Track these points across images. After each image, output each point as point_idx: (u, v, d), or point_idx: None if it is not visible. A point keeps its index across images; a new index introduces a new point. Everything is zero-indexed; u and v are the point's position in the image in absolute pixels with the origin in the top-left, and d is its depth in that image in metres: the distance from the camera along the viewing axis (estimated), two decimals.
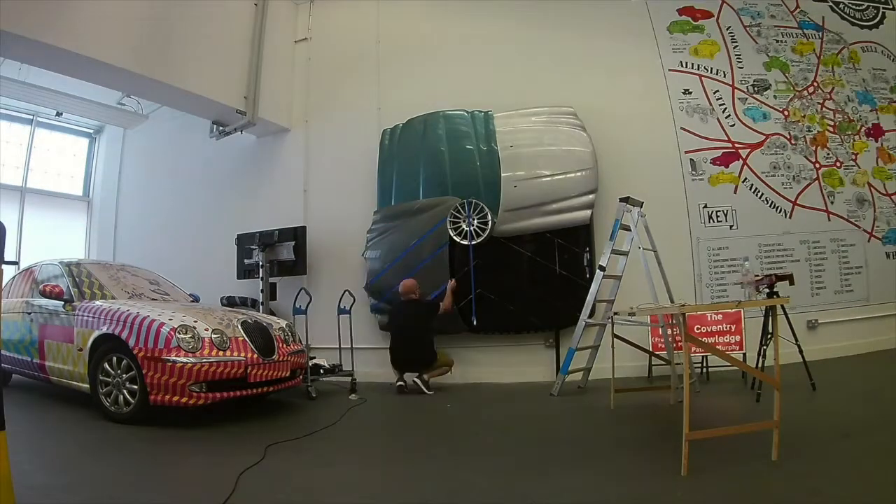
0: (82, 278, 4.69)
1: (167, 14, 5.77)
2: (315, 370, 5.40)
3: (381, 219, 6.40)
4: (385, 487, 2.64)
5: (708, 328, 5.48)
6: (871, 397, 4.05)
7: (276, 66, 7.17)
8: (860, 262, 6.12)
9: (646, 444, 3.24)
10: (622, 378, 4.68)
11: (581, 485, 2.51)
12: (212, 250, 7.36)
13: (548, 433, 3.66)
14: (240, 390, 3.99)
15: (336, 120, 7.16)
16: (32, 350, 4.60)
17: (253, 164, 7.60)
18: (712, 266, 6.03)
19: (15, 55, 5.28)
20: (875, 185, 6.31)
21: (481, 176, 6.02)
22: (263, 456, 2.97)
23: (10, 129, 8.29)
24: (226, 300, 6.47)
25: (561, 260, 5.86)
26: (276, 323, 4.74)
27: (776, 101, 6.33)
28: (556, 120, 6.16)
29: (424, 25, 7.07)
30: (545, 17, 6.65)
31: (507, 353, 6.02)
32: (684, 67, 6.38)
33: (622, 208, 4.88)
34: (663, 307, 4.19)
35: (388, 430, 4.14)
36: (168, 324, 3.82)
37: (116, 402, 3.86)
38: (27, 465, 2.66)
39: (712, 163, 6.16)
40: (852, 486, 2.27)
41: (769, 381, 2.81)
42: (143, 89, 6.37)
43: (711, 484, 2.37)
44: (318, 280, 6.71)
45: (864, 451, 2.74)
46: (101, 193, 9.10)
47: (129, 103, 7.82)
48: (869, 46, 6.64)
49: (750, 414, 3.80)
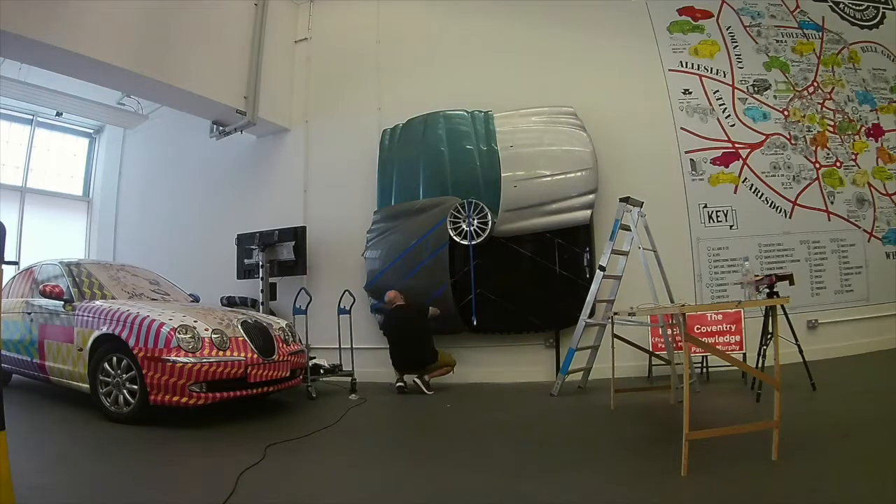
0: (82, 278, 4.69)
1: (167, 14, 5.77)
2: (315, 370, 5.40)
3: (381, 219, 6.40)
4: (385, 487, 2.64)
5: (708, 328, 5.47)
6: (870, 397, 4.05)
7: (276, 66, 7.17)
8: (860, 262, 6.12)
9: (646, 444, 3.24)
10: (622, 378, 4.68)
11: (581, 485, 2.51)
12: (212, 250, 7.36)
13: (548, 433, 3.66)
14: (240, 390, 3.99)
15: (336, 120, 7.16)
16: (32, 350, 4.59)
17: (253, 164, 7.60)
18: (712, 266, 6.03)
19: (15, 55, 5.28)
20: (875, 185, 6.31)
21: (481, 176, 6.02)
22: (263, 456, 2.97)
23: (10, 129, 8.30)
24: (226, 300, 6.47)
25: (561, 260, 5.86)
26: (276, 323, 4.74)
27: (776, 101, 6.33)
28: (556, 120, 6.16)
29: (424, 25, 7.07)
30: (545, 17, 6.64)
31: (507, 353, 6.03)
32: (684, 67, 6.38)
33: (622, 208, 4.88)
34: (663, 307, 4.19)
35: (388, 431, 4.14)
36: (168, 324, 3.82)
37: (116, 402, 3.86)
38: (27, 465, 2.65)
39: (712, 163, 6.16)
40: (852, 487, 2.27)
41: (769, 381, 2.81)
42: (143, 89, 6.37)
43: (711, 484, 2.36)
44: (318, 280, 6.71)
45: (864, 450, 2.74)
46: (101, 193, 9.11)
47: (129, 103, 7.83)
48: (869, 46, 6.64)
49: (750, 414, 3.80)
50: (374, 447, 3.58)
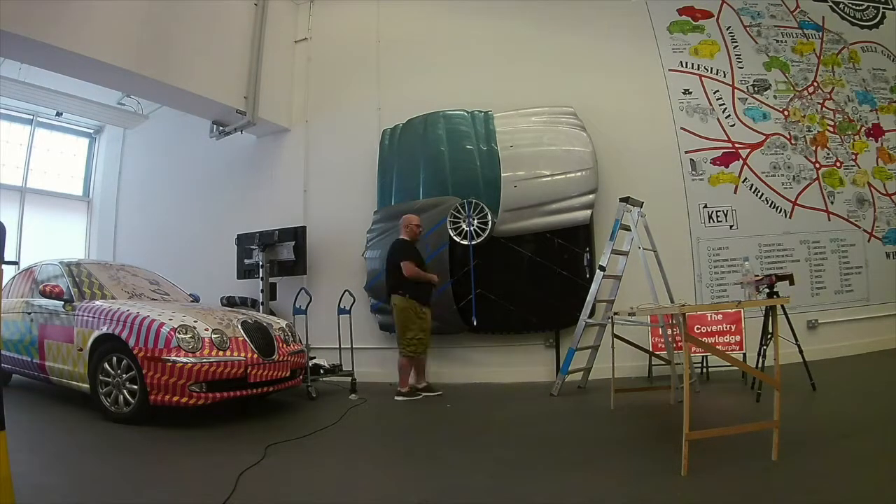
0: (82, 278, 4.69)
1: (167, 14, 5.76)
2: (315, 370, 5.39)
3: (381, 219, 6.39)
4: (385, 487, 2.64)
5: (708, 328, 5.47)
6: (871, 397, 4.05)
7: (276, 66, 7.16)
8: (860, 262, 6.12)
9: (646, 444, 3.24)
10: (622, 378, 4.68)
11: (581, 485, 2.51)
12: (212, 250, 7.36)
13: (548, 433, 3.66)
14: (240, 390, 3.99)
15: (336, 120, 7.16)
16: (32, 350, 4.59)
17: (253, 164, 7.59)
18: (712, 266, 6.03)
19: (15, 55, 5.28)
20: (875, 185, 6.31)
21: (481, 176, 6.01)
22: (263, 456, 2.97)
23: (10, 129, 8.30)
24: (226, 300, 6.47)
25: (561, 260, 5.85)
26: (276, 323, 4.74)
27: (776, 101, 6.33)
28: (556, 120, 6.15)
29: (424, 25, 7.07)
30: (545, 17, 6.64)
31: (507, 353, 6.02)
32: (684, 67, 6.38)
33: (622, 208, 4.88)
34: (663, 307, 4.19)
35: (388, 430, 4.13)
36: (168, 324, 3.82)
37: (116, 402, 3.86)
38: (27, 465, 2.65)
39: (712, 163, 6.16)
40: (852, 487, 2.27)
41: (769, 381, 2.81)
42: (143, 89, 6.36)
43: (711, 484, 2.37)
44: (318, 280, 6.71)
45: (863, 451, 2.74)
46: (101, 193, 9.10)
47: (129, 103, 7.83)
48: (869, 46, 6.64)
49: (750, 414, 3.80)
50: (374, 447, 3.58)
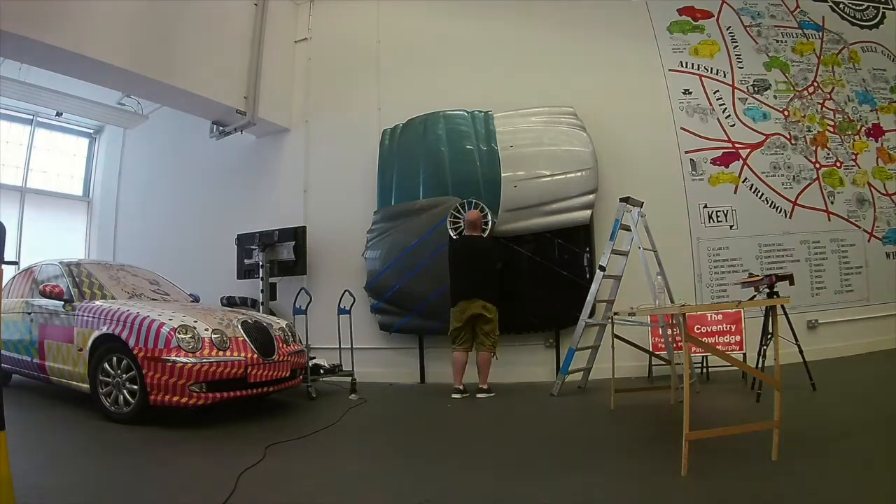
0: (82, 278, 4.69)
1: (167, 14, 5.77)
2: (315, 370, 5.39)
3: (381, 219, 6.40)
4: (385, 487, 2.63)
5: (708, 328, 5.47)
6: (870, 397, 4.05)
7: (276, 66, 7.16)
8: (860, 262, 6.12)
9: (646, 444, 3.24)
10: (622, 378, 4.68)
11: (581, 485, 2.50)
12: (212, 250, 7.36)
13: (548, 433, 3.66)
14: (240, 390, 3.99)
15: (336, 120, 7.16)
16: (32, 350, 4.59)
17: (253, 164, 7.60)
18: (712, 266, 6.03)
19: (15, 55, 5.27)
20: (875, 185, 6.31)
21: (481, 176, 6.01)
22: (263, 456, 2.97)
23: (10, 129, 8.30)
24: (226, 300, 6.47)
25: (561, 260, 5.86)
26: (276, 323, 4.74)
27: (776, 101, 6.33)
28: (556, 120, 6.15)
29: (424, 25, 7.07)
30: (545, 17, 6.64)
31: (507, 353, 5.98)
32: (684, 67, 6.38)
33: (622, 208, 4.88)
34: (663, 307, 4.19)
35: (388, 431, 4.13)
36: (168, 324, 3.82)
37: (116, 402, 3.86)
38: (27, 465, 2.65)
39: (712, 163, 6.16)
40: (852, 487, 2.27)
41: (769, 381, 2.81)
42: (143, 89, 6.36)
43: (711, 484, 2.36)
44: (318, 280, 6.71)
45: (863, 451, 2.74)
46: (101, 193, 9.11)
47: (129, 103, 7.81)
48: (869, 46, 6.64)
49: (750, 414, 3.80)
50: (374, 447, 3.58)
